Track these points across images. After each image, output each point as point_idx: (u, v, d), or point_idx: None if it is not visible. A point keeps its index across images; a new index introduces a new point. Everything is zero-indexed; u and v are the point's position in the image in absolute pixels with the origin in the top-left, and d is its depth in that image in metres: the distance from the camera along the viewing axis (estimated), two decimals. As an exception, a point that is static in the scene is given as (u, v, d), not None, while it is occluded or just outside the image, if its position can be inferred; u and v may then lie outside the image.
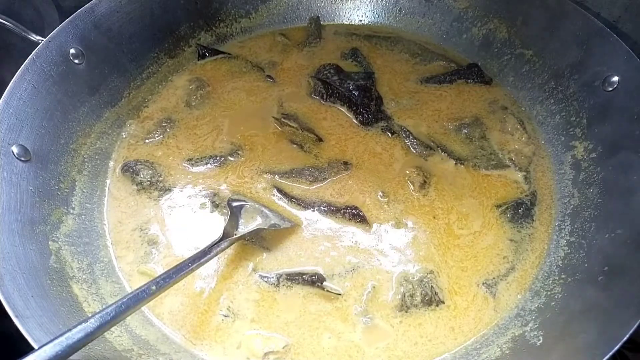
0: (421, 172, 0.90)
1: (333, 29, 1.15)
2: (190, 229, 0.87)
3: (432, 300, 0.78)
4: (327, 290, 0.78)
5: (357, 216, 0.85)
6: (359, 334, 0.76)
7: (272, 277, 0.81)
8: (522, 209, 0.87)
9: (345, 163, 0.92)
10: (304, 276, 0.80)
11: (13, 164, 0.77)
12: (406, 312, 0.78)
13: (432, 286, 0.79)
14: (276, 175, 0.91)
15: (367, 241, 0.84)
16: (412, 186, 0.89)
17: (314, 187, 0.90)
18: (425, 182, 0.89)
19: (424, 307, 0.78)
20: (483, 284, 0.80)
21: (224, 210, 0.87)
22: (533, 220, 0.88)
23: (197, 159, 0.94)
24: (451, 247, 0.84)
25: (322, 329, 0.77)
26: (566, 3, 0.92)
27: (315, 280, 0.79)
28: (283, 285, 0.80)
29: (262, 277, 0.81)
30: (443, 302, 0.79)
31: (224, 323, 0.78)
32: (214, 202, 0.89)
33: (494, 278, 0.81)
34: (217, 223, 0.87)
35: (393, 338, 0.76)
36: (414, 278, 0.80)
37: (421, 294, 0.78)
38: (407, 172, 0.91)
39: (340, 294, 0.79)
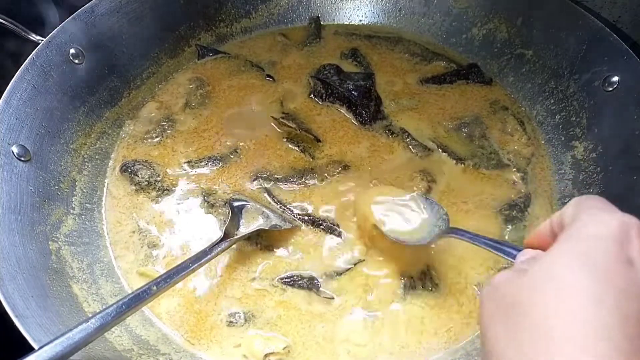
0: (424, 177, 0.90)
1: (333, 29, 1.15)
2: (189, 230, 0.87)
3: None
4: (324, 297, 0.78)
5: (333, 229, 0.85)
6: (357, 329, 0.76)
7: (271, 279, 0.81)
8: (522, 209, 0.87)
9: (345, 165, 0.92)
10: (299, 282, 0.80)
11: (13, 164, 0.77)
12: (405, 309, 0.78)
13: (432, 285, 0.79)
14: (273, 177, 0.90)
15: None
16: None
17: (313, 189, 0.90)
18: (430, 188, 0.88)
19: (424, 305, 0.78)
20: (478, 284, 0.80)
21: (220, 210, 0.87)
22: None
23: (196, 160, 0.94)
24: (451, 246, 0.83)
25: (318, 321, 0.77)
26: (566, 3, 0.92)
27: (311, 287, 0.79)
28: (281, 286, 0.80)
29: (261, 278, 0.81)
30: (442, 301, 0.79)
31: (223, 324, 0.78)
32: (213, 202, 0.89)
33: (494, 278, 0.81)
34: (216, 223, 0.87)
35: (394, 333, 0.76)
36: (414, 275, 0.80)
37: (422, 293, 0.79)
38: (408, 174, 0.90)
39: (332, 298, 0.79)
